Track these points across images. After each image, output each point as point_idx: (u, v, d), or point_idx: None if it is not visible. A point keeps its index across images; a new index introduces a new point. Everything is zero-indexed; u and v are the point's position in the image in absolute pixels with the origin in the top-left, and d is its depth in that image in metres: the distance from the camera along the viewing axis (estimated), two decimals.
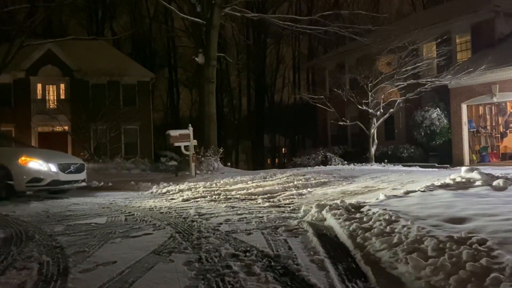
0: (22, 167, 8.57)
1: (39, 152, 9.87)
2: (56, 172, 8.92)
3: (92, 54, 26.48)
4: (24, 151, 9.46)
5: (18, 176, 8.50)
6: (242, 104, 44.31)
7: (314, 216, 5.19)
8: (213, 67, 14.95)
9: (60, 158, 9.48)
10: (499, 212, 3.97)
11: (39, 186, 8.77)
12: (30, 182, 8.58)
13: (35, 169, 8.65)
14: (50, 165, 8.87)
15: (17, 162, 8.60)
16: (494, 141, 18.28)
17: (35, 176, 8.62)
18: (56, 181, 8.94)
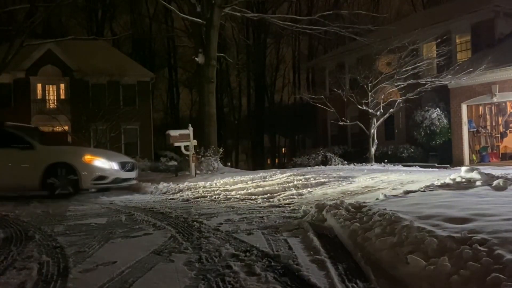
0: (88, 165, 8.86)
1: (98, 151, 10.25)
2: (117, 170, 9.26)
3: (92, 54, 26.50)
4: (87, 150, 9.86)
5: (84, 173, 8.76)
6: (242, 104, 44.33)
7: (314, 216, 5.19)
8: (213, 67, 14.95)
9: (118, 157, 9.81)
10: (499, 212, 3.97)
11: (103, 183, 9.06)
12: (96, 180, 8.90)
13: (100, 167, 8.94)
14: (112, 163, 9.19)
15: (82, 160, 8.87)
16: (494, 141, 18.28)
17: (100, 174, 8.93)
18: (117, 179, 9.27)
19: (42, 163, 8.67)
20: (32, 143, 8.98)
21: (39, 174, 8.61)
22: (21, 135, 9.18)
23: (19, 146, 8.83)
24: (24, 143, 8.89)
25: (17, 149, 8.81)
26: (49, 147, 9.39)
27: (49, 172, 8.64)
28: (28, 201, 8.38)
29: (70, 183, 8.68)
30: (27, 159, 8.76)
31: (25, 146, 8.85)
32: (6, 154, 8.83)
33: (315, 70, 33.80)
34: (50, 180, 8.62)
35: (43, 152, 8.89)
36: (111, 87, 26.62)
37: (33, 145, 8.94)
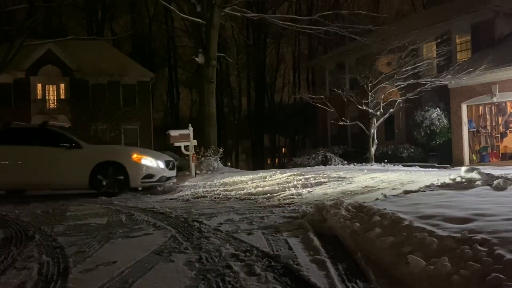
0: (136, 164, 8.90)
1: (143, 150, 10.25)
2: (163, 168, 9.33)
3: (92, 54, 26.51)
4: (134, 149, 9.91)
5: (134, 172, 8.80)
6: (242, 104, 44.33)
7: (314, 216, 5.19)
8: (213, 67, 14.95)
9: (161, 156, 9.84)
10: (499, 212, 3.97)
11: (150, 182, 9.12)
12: (144, 178, 8.94)
13: (148, 165, 8.99)
14: (159, 162, 9.25)
15: (131, 159, 8.90)
16: (494, 141, 18.28)
17: (148, 172, 8.97)
18: (163, 177, 9.32)
19: (91, 162, 8.70)
20: (79, 142, 9.00)
21: (88, 172, 8.63)
22: (67, 134, 9.21)
23: (66, 145, 8.86)
24: (71, 142, 8.92)
25: (64, 149, 8.84)
26: (95, 146, 9.46)
27: (97, 171, 8.67)
28: (28, 201, 8.39)
29: (119, 181, 8.72)
30: (75, 158, 8.80)
31: (72, 145, 8.89)
32: (54, 154, 8.87)
33: (315, 70, 33.82)
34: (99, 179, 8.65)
35: (90, 151, 8.93)
36: (111, 87, 26.63)
37: (80, 144, 8.96)
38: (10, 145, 9.08)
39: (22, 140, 9.14)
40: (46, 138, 9.13)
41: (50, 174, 8.82)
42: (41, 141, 9.07)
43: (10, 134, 9.48)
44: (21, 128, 9.98)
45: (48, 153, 8.91)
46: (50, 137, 9.15)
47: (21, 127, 10.07)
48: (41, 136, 9.23)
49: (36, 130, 9.51)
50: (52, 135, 9.20)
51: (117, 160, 8.80)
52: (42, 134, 9.27)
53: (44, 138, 9.15)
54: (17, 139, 9.24)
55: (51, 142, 9.00)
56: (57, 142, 8.95)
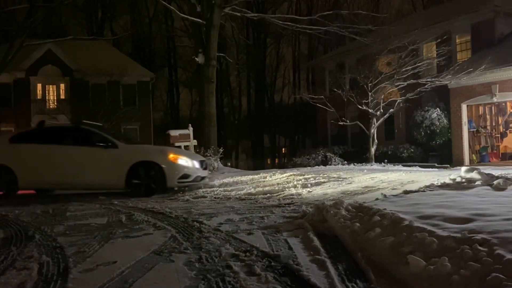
0: (173, 163, 8.70)
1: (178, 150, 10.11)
2: (198, 168, 9.17)
3: (92, 54, 26.52)
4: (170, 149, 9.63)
5: (170, 172, 8.59)
6: (242, 104, 44.34)
7: (314, 216, 5.19)
8: (213, 67, 14.95)
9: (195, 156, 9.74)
10: (499, 212, 3.97)
11: (186, 182, 8.94)
12: (181, 178, 8.74)
13: (184, 165, 8.81)
14: (194, 162, 9.09)
15: (167, 159, 8.69)
16: (494, 141, 18.28)
17: (185, 172, 8.78)
18: (198, 177, 9.15)
19: (127, 162, 8.52)
20: (115, 142, 8.82)
21: (124, 173, 8.46)
22: (103, 134, 9.05)
23: (102, 145, 8.69)
24: (107, 142, 8.76)
25: (100, 148, 8.68)
26: (131, 145, 9.27)
27: (134, 171, 8.50)
28: (28, 201, 8.38)
29: (156, 181, 8.53)
30: (111, 158, 8.63)
31: (108, 145, 8.72)
32: (90, 153, 8.72)
33: (315, 70, 33.80)
34: (135, 179, 8.48)
35: (126, 151, 8.75)
36: (111, 87, 26.64)
37: (116, 144, 8.78)
38: (44, 144, 8.92)
39: (57, 140, 8.98)
40: (81, 138, 8.97)
41: (85, 174, 8.66)
42: (76, 140, 8.93)
43: (45, 134, 9.28)
44: (55, 127, 9.84)
45: (83, 152, 8.74)
46: (85, 136, 8.98)
47: (56, 126, 9.98)
48: (76, 135, 9.08)
49: (71, 129, 9.33)
50: (87, 134, 9.02)
51: (154, 160, 8.59)
52: (77, 133, 9.11)
53: (79, 137, 9.00)
54: (51, 138, 9.07)
55: (86, 142, 8.84)
56: (93, 141, 8.79)
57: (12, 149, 8.94)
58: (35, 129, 9.45)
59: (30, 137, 9.26)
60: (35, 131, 9.42)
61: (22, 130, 9.88)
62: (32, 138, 9.22)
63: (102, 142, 8.73)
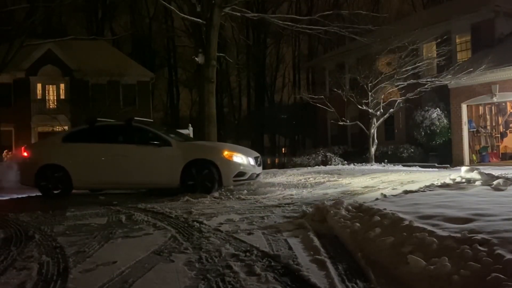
0: (228, 161, 8.40)
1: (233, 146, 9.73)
2: (253, 165, 8.84)
3: (92, 54, 26.52)
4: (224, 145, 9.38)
5: (226, 170, 8.31)
6: (242, 104, 44.33)
7: (314, 216, 5.19)
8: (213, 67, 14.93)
9: (250, 152, 9.33)
10: (499, 212, 3.97)
11: (242, 180, 8.64)
12: (237, 176, 8.45)
13: (240, 163, 8.51)
14: (249, 159, 8.76)
15: (222, 156, 8.41)
16: (494, 141, 18.28)
17: (240, 170, 8.48)
18: (253, 174, 8.82)
19: (181, 160, 8.27)
20: (169, 139, 8.60)
21: (179, 171, 8.22)
22: (156, 131, 8.81)
23: (155, 143, 8.47)
24: (161, 140, 8.53)
25: (154, 147, 8.46)
26: (185, 143, 9.03)
27: (188, 169, 8.26)
28: (28, 201, 8.39)
29: (211, 180, 8.22)
30: (166, 157, 8.40)
31: (162, 143, 8.48)
32: (143, 152, 8.53)
33: (315, 70, 33.81)
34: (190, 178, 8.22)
35: (180, 149, 8.49)
36: (111, 87, 26.65)
37: (170, 142, 8.55)
38: (97, 143, 8.75)
39: (110, 138, 8.82)
40: (134, 136, 8.75)
41: (140, 174, 8.46)
42: (129, 138, 8.73)
43: (97, 132, 9.08)
44: (107, 125, 9.54)
45: (137, 151, 8.54)
46: (138, 134, 8.75)
47: (108, 124, 9.63)
48: (129, 133, 8.86)
49: (123, 127, 9.04)
50: (140, 132, 8.79)
51: (208, 158, 8.31)
52: (130, 131, 8.89)
53: (132, 135, 8.79)
54: (104, 137, 8.90)
55: (140, 140, 8.63)
56: (146, 139, 8.58)
57: (65, 148, 8.79)
58: (87, 128, 9.14)
59: (82, 136, 9.05)
60: (87, 130, 9.13)
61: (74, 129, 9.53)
62: (84, 137, 9.01)
63: (156, 140, 8.50)
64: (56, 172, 8.56)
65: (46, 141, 10.38)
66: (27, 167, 8.94)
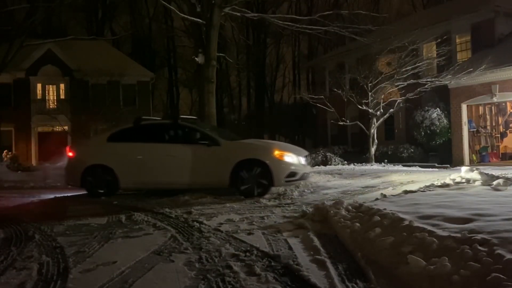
0: (279, 161, 8.09)
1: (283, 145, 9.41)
2: (304, 165, 8.60)
3: (92, 54, 26.51)
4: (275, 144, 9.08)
5: (277, 170, 7.97)
6: (242, 104, 44.32)
7: (314, 216, 5.19)
8: (213, 67, 14.92)
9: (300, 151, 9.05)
10: (499, 212, 3.97)
11: (293, 180, 8.29)
12: (288, 176, 8.11)
13: (291, 162, 8.19)
14: (300, 158, 8.48)
15: (273, 156, 8.11)
16: (494, 141, 18.27)
17: (292, 170, 8.15)
18: (304, 174, 8.53)
19: (231, 160, 8.00)
20: (217, 139, 8.37)
21: (229, 171, 7.93)
22: (204, 130, 8.62)
23: (204, 142, 8.22)
24: (209, 139, 8.29)
25: (202, 146, 8.21)
26: (233, 142, 8.75)
27: (238, 169, 7.94)
28: (28, 200, 8.38)
29: (261, 180, 7.94)
30: (215, 156, 8.16)
31: (210, 142, 8.23)
32: (191, 151, 8.29)
33: (315, 70, 33.80)
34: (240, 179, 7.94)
35: (229, 148, 8.25)
36: (111, 87, 26.65)
37: (218, 141, 8.31)
38: (143, 143, 8.57)
39: (156, 137, 8.63)
40: (181, 135, 8.58)
41: (188, 174, 8.25)
42: (176, 138, 8.57)
43: (143, 131, 8.89)
44: (153, 124, 9.37)
45: (185, 151, 8.32)
46: (185, 133, 8.57)
47: (154, 123, 9.46)
48: (176, 132, 8.68)
49: (170, 126, 8.84)
50: (187, 131, 8.60)
51: (259, 158, 7.98)
52: (176, 130, 8.70)
53: (179, 134, 8.61)
54: (150, 136, 8.71)
55: (187, 139, 8.45)
56: (193, 138, 8.40)
57: (111, 148, 8.63)
58: (132, 127, 8.96)
59: (127, 135, 8.86)
60: (133, 129, 8.94)
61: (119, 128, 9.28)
62: (130, 136, 8.83)
63: (204, 139, 8.28)
64: (102, 172, 8.41)
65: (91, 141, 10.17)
66: (72, 167, 8.80)
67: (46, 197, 8.88)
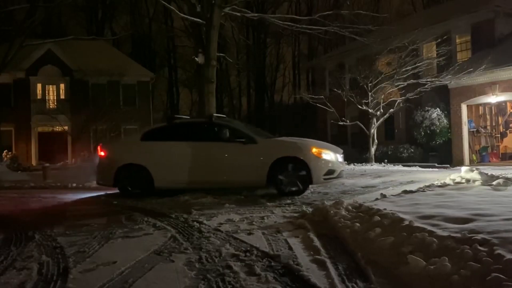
0: (318, 158, 8.00)
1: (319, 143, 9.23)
2: (341, 162, 8.52)
3: (92, 54, 26.49)
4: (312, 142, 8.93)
5: (316, 168, 7.89)
6: (242, 104, 44.32)
7: (314, 216, 5.19)
8: (213, 67, 14.92)
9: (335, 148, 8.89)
10: (499, 212, 3.97)
11: (331, 178, 8.22)
12: (326, 174, 8.04)
13: (329, 160, 8.11)
14: (337, 155, 8.39)
15: (311, 153, 8.02)
16: (494, 141, 18.27)
17: (330, 168, 8.07)
18: (341, 172, 8.45)
19: (268, 157, 7.90)
20: (254, 137, 8.28)
21: (266, 169, 7.82)
22: (241, 128, 8.58)
23: (241, 140, 8.11)
24: (246, 137, 8.19)
25: (238, 144, 8.10)
26: (270, 140, 8.68)
27: (276, 167, 7.83)
28: (27, 200, 8.38)
29: (301, 178, 7.80)
30: (252, 154, 8.04)
31: (247, 140, 8.13)
32: (228, 150, 8.20)
33: (315, 70, 33.79)
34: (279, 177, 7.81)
35: (266, 146, 8.15)
36: (111, 87, 26.65)
37: (255, 139, 8.22)
38: (178, 142, 8.43)
39: (191, 136, 8.51)
40: (216, 133, 8.41)
41: (224, 172, 8.15)
42: (211, 136, 8.43)
43: (176, 130, 8.79)
44: (187, 123, 9.31)
45: (221, 149, 8.21)
46: (220, 131, 8.39)
47: (188, 122, 9.41)
48: (210, 130, 8.56)
49: (204, 125, 8.77)
50: (223, 129, 8.42)
51: (297, 156, 7.88)
52: (212, 128, 8.58)
53: (214, 133, 8.46)
54: (184, 135, 8.59)
55: (222, 137, 8.28)
56: (230, 137, 8.25)
57: (145, 147, 8.50)
58: (166, 126, 8.89)
59: (161, 134, 8.74)
60: (166, 128, 8.86)
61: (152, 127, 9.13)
62: (164, 135, 8.69)
63: (240, 137, 8.18)
64: (137, 171, 8.27)
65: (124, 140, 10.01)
66: (105, 166, 8.60)
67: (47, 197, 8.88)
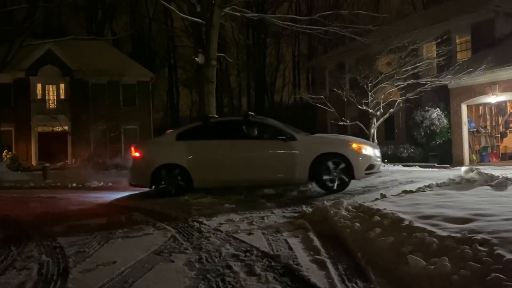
0: (358, 154, 8.01)
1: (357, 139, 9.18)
2: (379, 157, 8.51)
3: (92, 54, 26.49)
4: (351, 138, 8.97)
5: (357, 163, 7.90)
6: (242, 104, 44.30)
7: (314, 216, 5.19)
8: (213, 67, 14.92)
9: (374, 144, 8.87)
10: (499, 212, 3.97)
11: (372, 172, 8.27)
12: (368, 169, 8.05)
13: (368, 155, 8.12)
14: (376, 150, 8.42)
15: (352, 149, 8.03)
16: (494, 141, 18.26)
17: (370, 163, 8.09)
18: (379, 166, 8.46)
19: (310, 154, 7.86)
20: (293, 133, 8.24)
21: (307, 166, 7.81)
22: (280, 126, 8.51)
23: (281, 138, 8.07)
24: (286, 134, 8.14)
25: (278, 141, 8.06)
26: (310, 136, 8.65)
27: (317, 163, 7.79)
28: (27, 200, 8.38)
29: (344, 174, 7.80)
30: (292, 151, 8.01)
31: (287, 137, 8.09)
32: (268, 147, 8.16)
33: (315, 70, 33.79)
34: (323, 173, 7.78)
35: (306, 143, 8.12)
36: (111, 87, 26.65)
37: (295, 136, 8.18)
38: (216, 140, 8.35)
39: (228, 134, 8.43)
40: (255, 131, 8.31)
41: (266, 170, 8.07)
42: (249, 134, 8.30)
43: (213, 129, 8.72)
44: (223, 121, 9.29)
45: (261, 147, 8.18)
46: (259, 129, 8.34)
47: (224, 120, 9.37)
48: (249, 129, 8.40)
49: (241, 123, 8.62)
50: (261, 127, 8.40)
51: (338, 151, 7.88)
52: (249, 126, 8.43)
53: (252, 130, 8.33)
54: (221, 133, 8.52)
55: (261, 135, 8.28)
56: (269, 134, 8.28)
57: (181, 147, 8.36)
58: (202, 124, 8.79)
59: (197, 133, 8.63)
60: (202, 127, 8.75)
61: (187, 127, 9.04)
62: (200, 134, 8.58)
63: (279, 135, 8.15)
64: (174, 171, 8.15)
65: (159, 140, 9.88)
66: (140, 167, 8.40)
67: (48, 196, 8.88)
